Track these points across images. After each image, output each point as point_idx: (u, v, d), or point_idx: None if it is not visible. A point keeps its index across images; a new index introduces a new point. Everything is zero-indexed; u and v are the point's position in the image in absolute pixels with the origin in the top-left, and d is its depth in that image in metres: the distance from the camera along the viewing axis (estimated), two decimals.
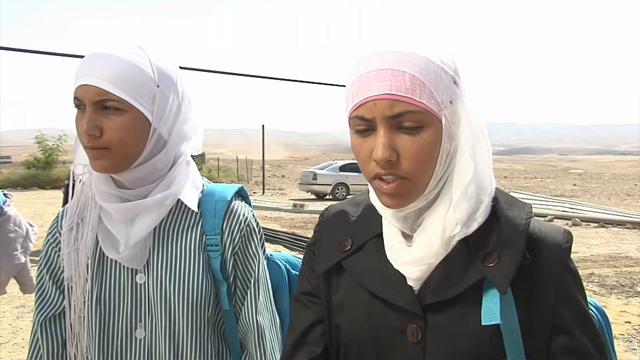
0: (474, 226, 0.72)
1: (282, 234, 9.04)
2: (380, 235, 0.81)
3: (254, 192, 21.34)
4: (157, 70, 0.97)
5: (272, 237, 8.72)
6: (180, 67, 1.06)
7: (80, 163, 1.02)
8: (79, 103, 0.93)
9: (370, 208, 0.84)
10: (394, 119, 0.69)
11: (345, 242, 0.84)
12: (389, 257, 0.78)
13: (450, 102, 0.71)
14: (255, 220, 1.10)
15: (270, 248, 8.24)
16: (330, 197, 17.46)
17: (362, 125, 0.72)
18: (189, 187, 1.04)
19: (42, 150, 22.95)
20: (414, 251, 0.75)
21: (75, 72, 0.94)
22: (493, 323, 0.68)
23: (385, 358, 0.77)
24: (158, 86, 0.96)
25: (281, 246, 8.10)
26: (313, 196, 18.77)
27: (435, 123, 0.70)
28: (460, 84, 0.73)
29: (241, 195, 1.11)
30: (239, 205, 1.07)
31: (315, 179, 17.84)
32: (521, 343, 0.71)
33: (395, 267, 0.77)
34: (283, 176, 37.13)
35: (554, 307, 0.72)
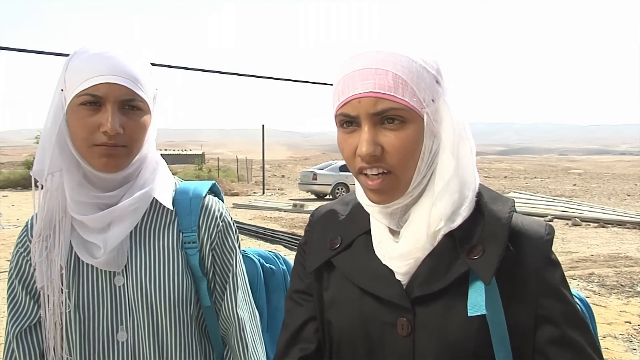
0: (459, 221, 0.75)
1: (282, 234, 9.04)
2: (368, 232, 0.84)
3: (254, 192, 21.33)
4: (154, 72, 1.02)
5: (272, 237, 8.72)
6: (181, 67, 1.09)
7: (42, 167, 0.95)
8: (95, 100, 0.92)
9: (359, 206, 0.86)
10: (378, 116, 0.72)
11: (335, 240, 0.86)
12: (377, 253, 0.81)
13: (433, 100, 0.74)
14: (229, 215, 1.10)
15: (270, 248, 8.22)
16: (330, 197, 17.44)
17: (347, 121, 0.75)
18: (162, 186, 1.04)
19: None
20: (401, 246, 0.77)
21: (84, 68, 0.92)
22: (478, 314, 0.70)
23: (376, 352, 0.79)
24: (157, 88, 1.02)
25: (281, 246, 8.09)
26: (313, 196, 18.77)
27: (417, 120, 0.73)
28: (443, 83, 0.76)
29: (214, 191, 1.12)
30: (213, 201, 1.08)
31: (315, 179, 17.83)
32: (507, 333, 0.73)
33: (384, 262, 0.79)
34: (283, 176, 37.14)
35: (537, 298, 0.74)
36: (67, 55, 0.99)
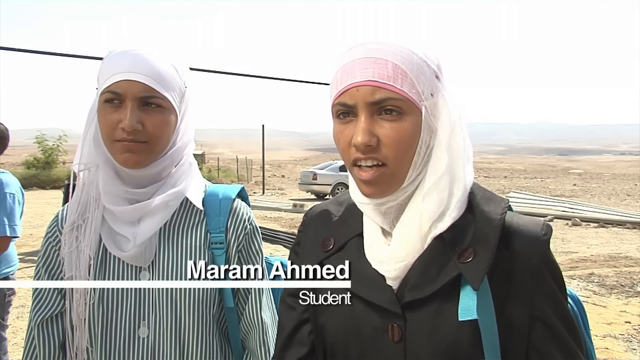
0: (448, 221, 0.73)
1: (282, 234, 9.04)
2: (361, 235, 0.82)
3: (254, 192, 21.33)
4: (185, 72, 1.03)
5: (272, 237, 8.72)
6: None
7: (80, 162, 1.01)
8: (115, 97, 0.94)
9: (352, 207, 0.84)
10: (375, 105, 0.71)
11: (328, 241, 0.85)
12: (367, 257, 0.79)
13: (432, 94, 0.74)
14: (255, 220, 1.12)
15: (270, 248, 8.21)
16: (330, 197, 17.36)
17: (344, 110, 0.74)
18: (194, 186, 1.06)
19: (42, 150, 22.93)
20: (392, 250, 0.76)
21: (109, 67, 0.96)
22: (469, 318, 0.69)
23: (368, 357, 0.77)
24: (186, 87, 1.03)
25: (281, 246, 8.09)
26: (313, 196, 18.77)
27: (415, 112, 0.72)
28: (443, 80, 0.75)
29: (241, 195, 1.13)
30: (241, 204, 1.09)
31: (315, 179, 17.82)
32: (497, 337, 0.71)
33: (374, 266, 0.77)
34: (283, 176, 37.14)
35: (532, 299, 0.72)
36: (66, 55, 1.01)
